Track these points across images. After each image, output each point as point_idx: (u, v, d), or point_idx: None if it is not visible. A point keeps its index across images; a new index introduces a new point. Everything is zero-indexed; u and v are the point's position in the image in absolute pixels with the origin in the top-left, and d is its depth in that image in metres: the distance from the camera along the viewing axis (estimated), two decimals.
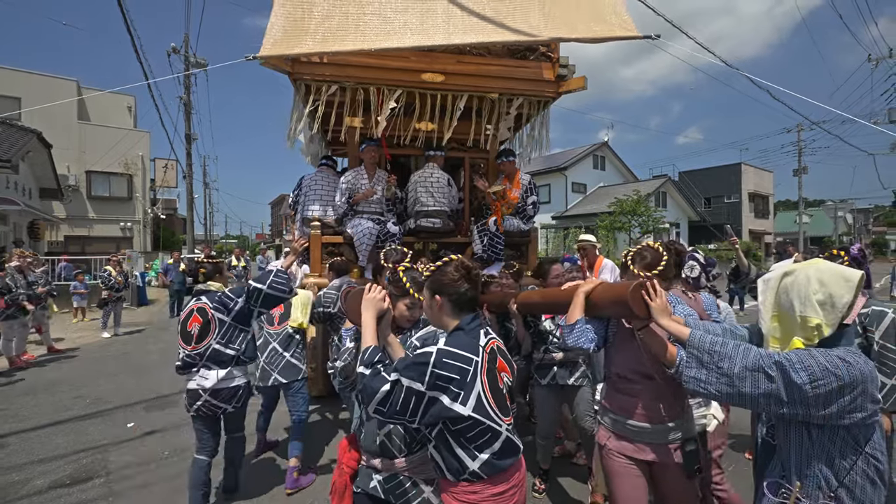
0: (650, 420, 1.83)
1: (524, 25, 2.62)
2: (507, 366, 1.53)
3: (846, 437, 1.25)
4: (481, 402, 1.37)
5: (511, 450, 1.45)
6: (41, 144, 13.46)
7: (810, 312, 1.30)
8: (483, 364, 1.41)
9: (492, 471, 1.40)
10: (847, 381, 1.19)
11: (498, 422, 1.40)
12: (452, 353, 1.38)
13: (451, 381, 1.35)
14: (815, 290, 1.31)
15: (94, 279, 11.78)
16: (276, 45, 2.79)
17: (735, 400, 1.36)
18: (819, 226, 31.91)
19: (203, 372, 2.65)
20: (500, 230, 4.18)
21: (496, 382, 1.44)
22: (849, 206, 16.63)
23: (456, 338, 1.47)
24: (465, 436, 1.39)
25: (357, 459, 1.90)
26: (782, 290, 1.37)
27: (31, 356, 6.74)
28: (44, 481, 3.18)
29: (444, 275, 1.54)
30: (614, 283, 2.00)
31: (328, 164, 4.88)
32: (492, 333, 1.56)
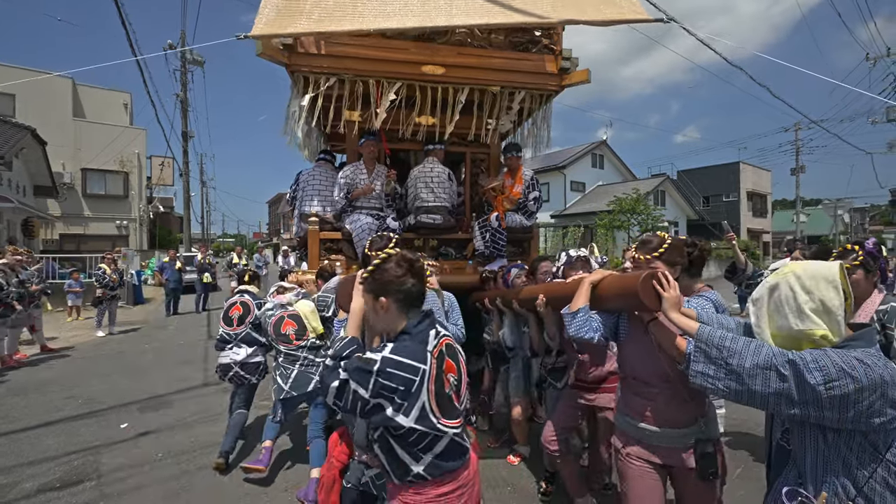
0: (667, 424, 1.75)
1: (531, 7, 2.53)
2: (454, 364, 1.43)
3: (864, 443, 1.17)
4: (425, 412, 1.30)
5: (457, 451, 1.39)
6: (35, 141, 13.31)
7: (810, 325, 1.23)
8: (431, 372, 1.33)
9: (436, 472, 1.35)
10: (864, 383, 1.12)
11: (442, 428, 1.33)
12: (397, 363, 1.29)
13: (395, 391, 1.28)
14: (804, 301, 1.24)
15: (89, 277, 11.66)
16: (269, 25, 2.68)
17: (744, 398, 1.28)
18: (816, 225, 32.00)
19: (235, 349, 3.45)
20: (503, 226, 4.09)
21: (443, 388, 1.36)
22: (847, 204, 16.62)
23: (402, 344, 1.36)
24: (406, 440, 1.33)
25: (347, 454, 1.84)
26: (773, 309, 1.30)
27: (23, 355, 6.62)
28: (33, 484, 3.08)
29: (385, 273, 1.41)
30: (624, 275, 1.93)
31: (326, 158, 4.78)
32: (442, 330, 1.46)
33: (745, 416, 4.00)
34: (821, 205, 23.62)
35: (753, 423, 3.93)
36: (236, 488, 3.03)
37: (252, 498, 2.93)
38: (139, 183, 19.82)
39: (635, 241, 2.46)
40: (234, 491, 3.00)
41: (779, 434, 1.65)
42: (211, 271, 12.02)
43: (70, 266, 11.73)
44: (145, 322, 10.19)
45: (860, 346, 1.20)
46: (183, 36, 18.18)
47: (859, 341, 1.22)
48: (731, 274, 3.66)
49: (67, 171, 17.49)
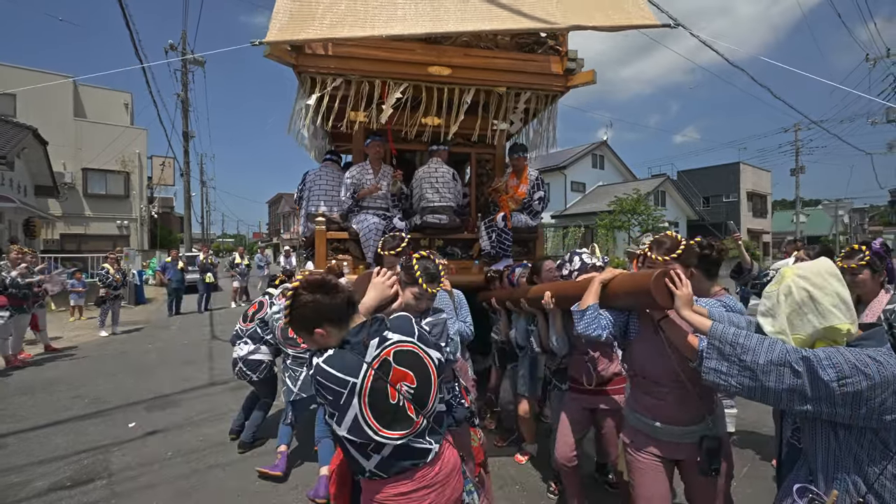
0: (677, 421, 1.78)
1: (540, 13, 2.55)
2: (409, 373, 1.39)
3: (874, 441, 1.19)
4: (358, 424, 1.31)
5: (412, 453, 1.38)
6: (37, 141, 13.31)
7: (834, 320, 1.25)
8: (365, 385, 1.31)
9: (390, 470, 1.36)
10: (877, 380, 1.14)
11: (380, 439, 1.32)
12: (328, 374, 1.30)
13: (327, 399, 1.32)
14: (821, 297, 1.26)
15: (91, 277, 11.66)
16: (283, 31, 2.71)
17: (757, 394, 1.30)
18: (816, 225, 32.05)
19: (241, 345, 3.58)
20: (509, 226, 4.12)
21: (385, 399, 1.34)
22: (847, 205, 16.65)
23: (336, 355, 1.33)
24: (351, 444, 1.35)
25: None
26: (792, 314, 1.31)
27: (27, 355, 6.64)
28: (44, 483, 3.10)
29: (306, 307, 1.34)
30: (636, 273, 1.95)
31: (332, 159, 4.80)
32: (392, 337, 1.40)
33: (755, 416, 4.03)
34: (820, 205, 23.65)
35: (760, 422, 3.95)
36: (247, 487, 3.04)
37: (262, 496, 2.94)
38: (140, 183, 19.81)
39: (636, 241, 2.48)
40: (244, 489, 3.01)
41: (789, 432, 1.67)
42: (213, 271, 12.03)
43: (72, 266, 11.74)
44: (148, 322, 10.20)
45: (871, 345, 1.22)
46: (184, 36, 18.20)
47: (870, 340, 1.24)
48: (737, 274, 3.68)
49: (68, 170, 17.47)
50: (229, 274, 13.14)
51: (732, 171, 30.23)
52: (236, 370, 3.59)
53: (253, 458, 3.46)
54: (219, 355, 6.74)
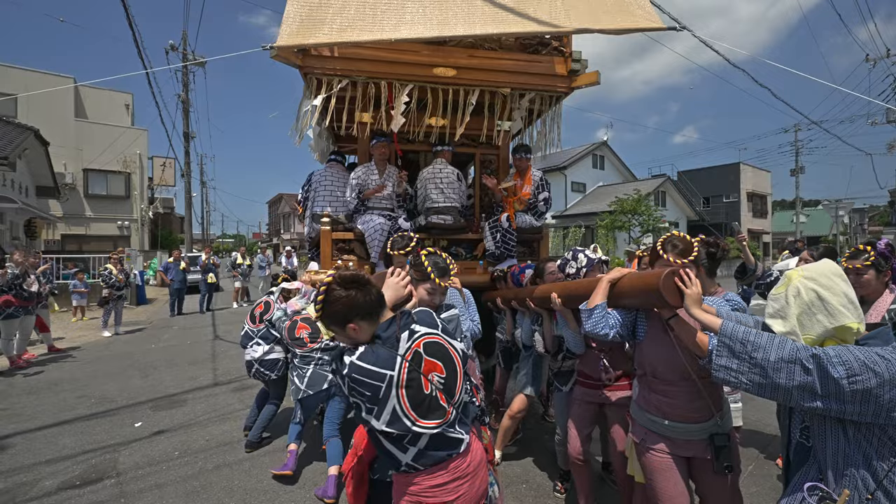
0: (687, 419, 1.80)
1: (546, 16, 2.57)
2: (438, 363, 1.43)
3: (883, 437, 1.21)
4: (397, 415, 1.34)
5: (447, 443, 1.41)
6: (38, 142, 13.32)
7: (844, 319, 1.28)
8: (401, 377, 1.35)
9: (427, 461, 1.38)
10: (886, 378, 1.15)
11: (418, 429, 1.36)
12: (363, 370, 1.32)
13: (364, 396, 1.33)
14: (830, 297, 1.28)
15: (93, 278, 11.67)
16: (293, 36, 2.73)
17: (767, 391, 1.32)
18: (816, 225, 32.10)
19: (254, 346, 3.56)
20: (513, 226, 4.13)
21: (420, 390, 1.37)
22: (848, 205, 16.68)
23: (370, 351, 1.36)
24: (388, 437, 1.38)
25: None
26: (802, 314, 1.34)
27: (31, 355, 6.65)
28: (53, 482, 3.11)
29: (338, 302, 1.37)
30: (645, 272, 1.96)
31: (337, 160, 4.82)
32: (420, 330, 1.45)
33: (758, 415, 4.05)
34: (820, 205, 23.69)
35: (764, 422, 3.97)
36: (255, 486, 3.06)
37: (270, 495, 2.96)
38: (141, 183, 19.81)
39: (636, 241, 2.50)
40: (252, 488, 3.03)
41: (797, 431, 1.69)
42: (215, 272, 12.05)
43: (73, 266, 11.75)
44: (150, 322, 10.21)
45: (877, 343, 1.25)
46: (185, 36, 18.22)
47: (876, 339, 1.26)
48: (742, 274, 3.70)
49: (69, 171, 17.48)
50: (231, 274, 13.13)
51: (732, 171, 30.27)
52: (252, 372, 3.58)
53: (261, 456, 3.48)
54: (222, 355, 6.76)
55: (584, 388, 2.69)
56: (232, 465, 3.35)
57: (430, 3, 2.79)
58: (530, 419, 4.00)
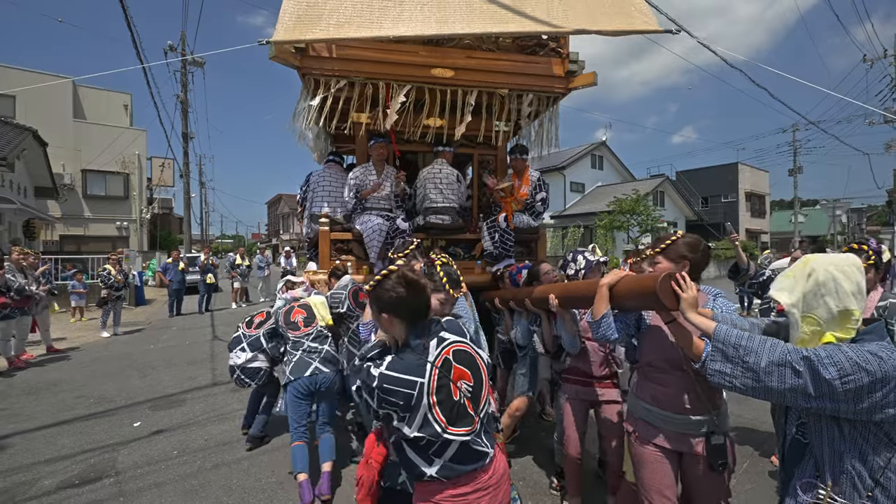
0: (680, 410, 1.82)
1: (544, 16, 2.58)
2: (466, 371, 1.44)
3: (878, 434, 1.23)
4: (428, 421, 1.35)
5: (472, 455, 1.41)
6: (36, 142, 13.31)
7: (850, 304, 1.30)
8: (431, 384, 1.36)
9: (451, 474, 1.38)
10: (879, 376, 1.17)
11: (449, 436, 1.36)
12: (394, 379, 1.34)
13: (396, 405, 1.34)
14: (843, 280, 1.31)
15: (91, 279, 11.67)
16: (289, 32, 2.73)
17: (761, 394, 1.35)
18: (814, 225, 32.16)
19: (238, 352, 3.51)
20: (511, 226, 4.16)
21: (449, 396, 1.38)
22: (845, 205, 16.74)
23: (400, 359, 1.39)
24: (417, 444, 1.38)
25: (385, 454, 1.86)
26: (809, 291, 1.36)
27: (30, 356, 6.65)
28: (52, 481, 3.13)
29: (385, 291, 1.43)
30: (641, 276, 1.98)
31: (335, 160, 4.83)
32: (448, 338, 1.46)
33: (753, 413, 4.08)
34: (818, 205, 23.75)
35: (758, 420, 4.00)
36: (253, 485, 3.08)
37: (268, 494, 2.97)
38: (140, 184, 19.80)
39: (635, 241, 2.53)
40: (250, 487, 3.05)
41: (794, 428, 1.70)
42: (214, 272, 12.05)
43: (71, 267, 11.74)
44: (149, 323, 10.21)
45: (872, 338, 1.27)
46: (183, 37, 18.21)
47: (872, 335, 1.28)
48: (734, 274, 3.73)
49: (68, 172, 17.47)
50: (230, 275, 13.13)
51: (731, 171, 30.33)
52: (234, 377, 3.54)
53: (259, 455, 3.50)
54: (221, 356, 6.76)
55: (576, 386, 2.73)
56: (230, 464, 3.36)
57: (428, 2, 2.81)
58: (529, 418, 4.02)
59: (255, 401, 3.82)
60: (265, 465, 3.33)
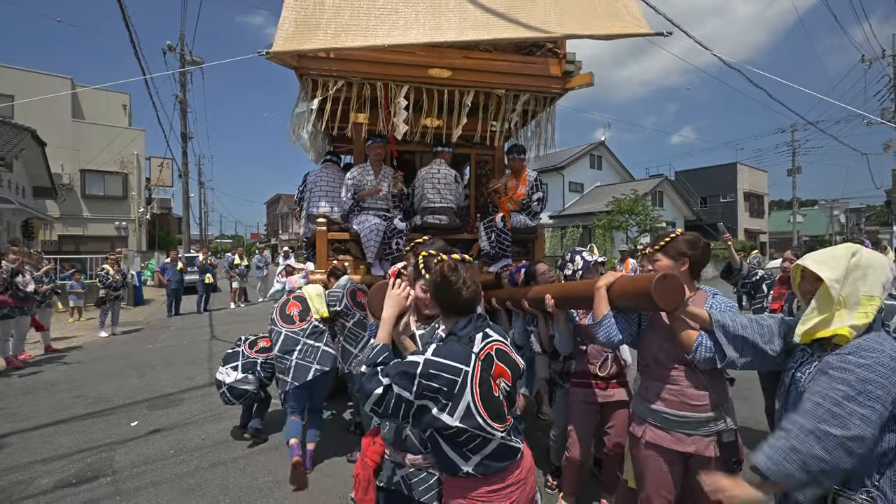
0: (687, 408, 1.79)
1: (536, 21, 2.60)
2: (506, 370, 1.46)
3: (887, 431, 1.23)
4: (470, 412, 1.34)
5: (507, 452, 1.42)
6: (35, 142, 13.30)
7: (874, 292, 1.37)
8: (475, 374, 1.36)
9: (486, 471, 1.39)
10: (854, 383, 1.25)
11: (490, 431, 1.36)
12: (440, 364, 1.34)
13: (439, 391, 1.32)
14: (874, 273, 1.37)
15: (90, 279, 11.66)
16: (288, 41, 2.76)
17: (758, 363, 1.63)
18: (813, 225, 32.18)
19: (229, 369, 3.51)
20: (508, 226, 4.17)
21: (490, 391, 1.39)
22: (843, 205, 16.77)
23: (446, 346, 1.41)
24: (455, 440, 1.38)
25: (380, 453, 1.87)
26: (847, 271, 1.39)
27: (28, 355, 6.65)
28: (49, 480, 3.13)
29: (431, 275, 1.53)
30: (636, 276, 1.99)
31: (332, 160, 4.84)
32: (493, 335, 1.49)
33: (748, 412, 4.08)
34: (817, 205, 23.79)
35: (753, 419, 4.00)
36: (249, 484, 3.09)
37: (265, 493, 2.98)
38: (138, 184, 19.79)
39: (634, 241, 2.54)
40: (247, 486, 3.05)
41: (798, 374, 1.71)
42: (212, 272, 12.05)
43: (70, 267, 11.74)
44: (147, 323, 10.21)
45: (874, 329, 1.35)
46: (182, 36, 18.22)
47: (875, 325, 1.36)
48: (728, 274, 3.75)
49: (66, 172, 17.45)
50: (228, 275, 13.13)
51: (729, 171, 30.37)
52: (220, 392, 3.54)
53: (256, 455, 3.51)
54: (219, 355, 6.72)
55: (580, 389, 2.71)
56: (227, 463, 3.37)
57: (423, 9, 2.83)
58: (526, 417, 4.03)
59: (249, 405, 3.84)
60: (262, 465, 3.34)
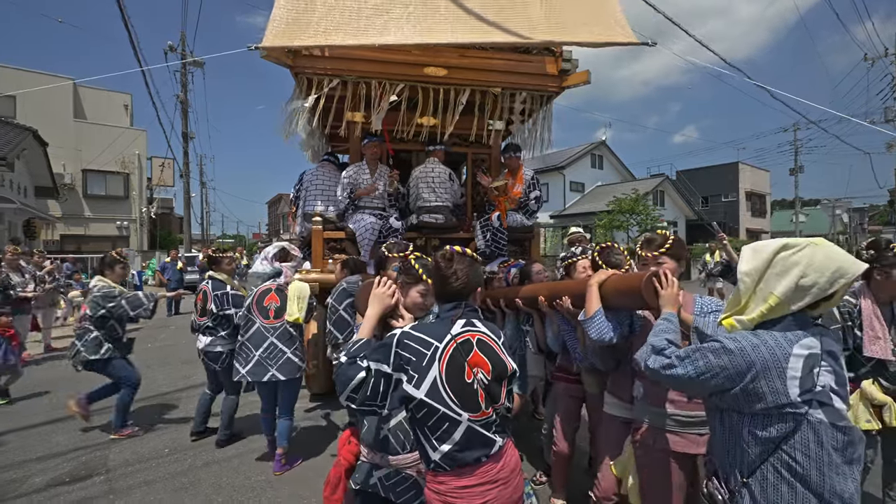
0: (693, 407, 1.76)
1: (525, 25, 2.61)
2: (486, 362, 1.44)
3: (751, 428, 1.19)
4: (436, 387, 1.36)
5: (478, 443, 1.39)
6: (37, 142, 13.37)
7: (781, 291, 1.21)
8: (445, 352, 1.39)
9: (453, 463, 1.37)
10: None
11: (456, 412, 1.36)
12: (413, 336, 1.41)
13: (409, 362, 1.37)
14: (815, 275, 1.18)
15: (90, 278, 11.67)
16: (279, 37, 2.76)
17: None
18: (816, 225, 32.05)
19: (201, 336, 3.73)
20: (504, 225, 4.15)
21: (461, 374, 1.39)
22: (846, 204, 16.70)
23: (425, 324, 1.50)
24: (425, 425, 1.38)
25: (355, 453, 1.86)
26: (775, 263, 1.25)
27: (28, 354, 6.67)
28: (42, 479, 3.13)
29: (431, 263, 1.61)
30: (628, 275, 1.98)
31: (329, 159, 4.84)
32: (479, 326, 1.50)
33: None
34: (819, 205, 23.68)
35: None
36: (242, 483, 3.08)
37: (257, 492, 2.98)
38: (140, 184, 19.87)
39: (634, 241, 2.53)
40: (239, 485, 3.05)
41: None
42: None
43: (79, 277, 11.76)
44: (147, 322, 10.21)
45: (782, 327, 1.22)
46: (183, 37, 18.24)
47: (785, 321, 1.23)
48: (727, 272, 3.73)
49: (68, 171, 17.55)
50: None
51: (731, 170, 30.30)
52: (201, 359, 3.74)
53: (249, 454, 3.50)
54: None
55: (565, 384, 2.72)
56: (220, 462, 3.37)
57: (415, 10, 2.83)
58: (521, 416, 4.02)
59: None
60: (255, 464, 3.33)
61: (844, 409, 1.16)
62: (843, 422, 1.14)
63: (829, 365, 1.17)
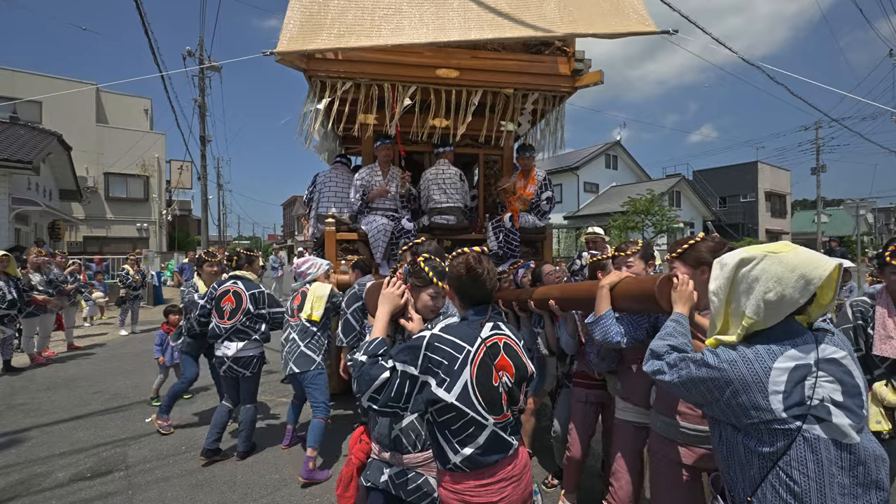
0: (703, 422, 1.69)
1: (540, 20, 2.58)
2: (511, 365, 1.46)
3: (746, 442, 1.15)
4: (467, 392, 1.36)
5: (499, 446, 1.41)
6: (61, 147, 13.73)
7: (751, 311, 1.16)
8: (476, 355, 1.39)
9: (474, 466, 1.38)
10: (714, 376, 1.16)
11: (483, 416, 1.37)
12: (444, 339, 1.40)
13: (440, 365, 1.36)
14: (768, 289, 1.13)
15: (112, 279, 11.99)
16: (292, 41, 2.79)
17: None
18: (838, 225, 31.17)
19: (227, 343, 3.35)
20: (516, 226, 4.14)
21: (489, 378, 1.40)
22: (870, 204, 16.18)
23: (455, 326, 1.47)
24: (449, 428, 1.38)
25: (367, 451, 1.87)
26: (740, 280, 1.20)
27: (51, 353, 6.87)
28: (65, 474, 3.22)
29: (452, 268, 1.56)
30: (641, 278, 1.95)
31: (343, 161, 4.88)
32: (504, 329, 1.51)
33: None
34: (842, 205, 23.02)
35: None
36: (256, 480, 3.13)
37: (270, 489, 3.02)
38: (159, 186, 20.30)
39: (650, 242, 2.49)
40: (254, 482, 3.09)
41: None
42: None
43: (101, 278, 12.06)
44: None
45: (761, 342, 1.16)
46: (201, 42, 18.59)
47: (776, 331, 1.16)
48: None
49: (91, 175, 18.01)
50: None
51: (750, 170, 29.65)
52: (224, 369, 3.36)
53: (263, 453, 3.55)
54: None
55: (583, 389, 2.69)
56: (235, 460, 3.42)
57: (427, 10, 2.84)
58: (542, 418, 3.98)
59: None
60: (269, 463, 3.38)
61: (848, 424, 1.06)
62: (846, 439, 1.05)
63: (829, 374, 1.09)
